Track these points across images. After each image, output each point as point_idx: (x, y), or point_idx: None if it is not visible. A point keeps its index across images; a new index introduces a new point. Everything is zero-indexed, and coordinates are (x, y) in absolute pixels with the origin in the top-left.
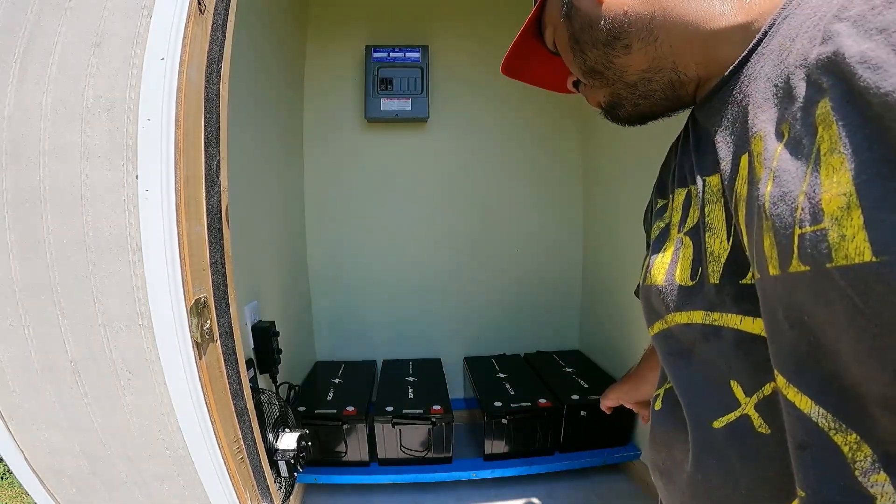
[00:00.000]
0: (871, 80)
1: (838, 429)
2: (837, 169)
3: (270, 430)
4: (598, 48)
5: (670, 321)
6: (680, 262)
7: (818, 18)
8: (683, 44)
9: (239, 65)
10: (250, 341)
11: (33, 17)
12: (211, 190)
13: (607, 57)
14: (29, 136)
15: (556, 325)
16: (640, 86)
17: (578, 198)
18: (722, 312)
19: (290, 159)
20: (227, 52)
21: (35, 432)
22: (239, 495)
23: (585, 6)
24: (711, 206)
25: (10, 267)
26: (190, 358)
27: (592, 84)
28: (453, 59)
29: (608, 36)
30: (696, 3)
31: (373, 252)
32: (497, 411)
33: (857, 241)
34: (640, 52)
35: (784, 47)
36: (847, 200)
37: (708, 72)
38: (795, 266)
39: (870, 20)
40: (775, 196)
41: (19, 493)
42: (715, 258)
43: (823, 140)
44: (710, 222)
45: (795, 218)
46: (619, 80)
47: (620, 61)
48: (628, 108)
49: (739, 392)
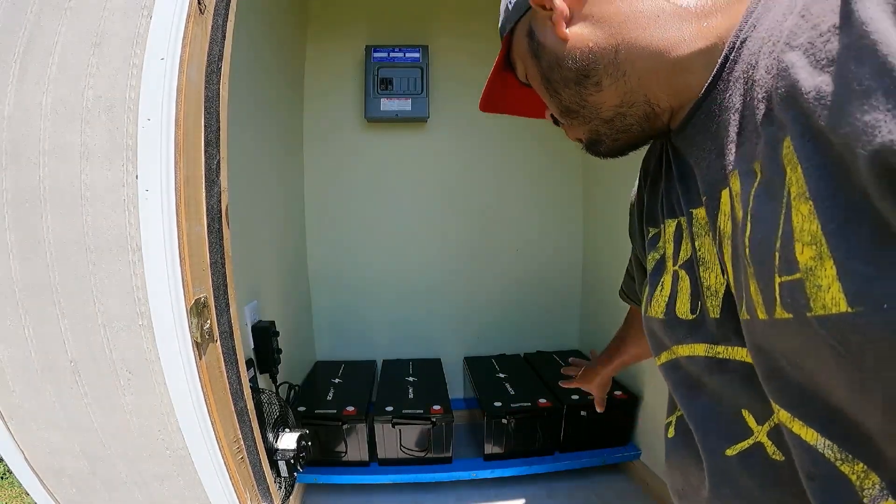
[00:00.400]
0: (828, 119)
1: (845, 459)
2: (806, 216)
3: (270, 430)
4: (570, 87)
5: (675, 353)
6: (679, 295)
7: (772, 44)
8: (650, 75)
9: (239, 65)
10: (250, 341)
11: (33, 17)
12: (211, 190)
13: (580, 95)
14: (29, 136)
15: (556, 325)
16: (616, 121)
17: (578, 198)
18: (726, 346)
19: (290, 159)
20: (227, 52)
21: (35, 432)
22: (239, 495)
23: (551, 44)
24: (701, 239)
25: (10, 267)
26: (190, 358)
27: (570, 123)
28: (453, 59)
29: (578, 74)
30: (659, 30)
31: (373, 252)
32: (497, 411)
33: (833, 292)
34: (611, 88)
35: (747, 76)
36: (818, 250)
37: (679, 100)
38: (780, 313)
39: (819, 49)
40: (755, 242)
41: (19, 493)
42: (712, 293)
43: (793, 182)
44: (702, 256)
45: (775, 266)
46: (596, 117)
47: (594, 99)
48: (608, 144)
49: (752, 420)
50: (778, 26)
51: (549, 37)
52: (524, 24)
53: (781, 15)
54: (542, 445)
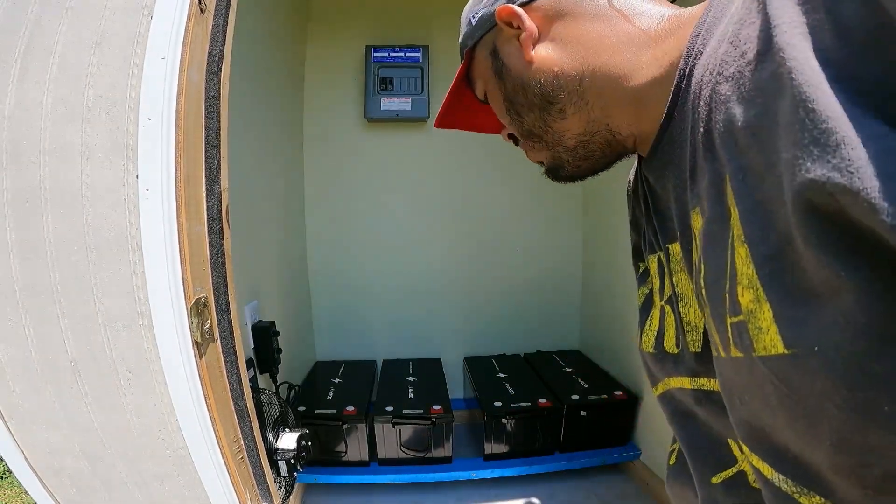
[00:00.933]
0: (762, 157)
1: (801, 492)
2: (745, 260)
3: (270, 430)
4: (534, 112)
5: (668, 384)
6: (667, 330)
7: (710, 73)
8: (613, 105)
9: (239, 65)
10: (250, 341)
11: (33, 17)
12: (211, 190)
13: (544, 121)
14: (29, 136)
15: (556, 325)
16: (579, 149)
17: (578, 197)
18: (708, 378)
19: (291, 159)
20: (227, 52)
21: (35, 432)
22: (239, 495)
23: (516, 66)
24: (678, 275)
25: (10, 267)
26: (190, 358)
27: (532, 147)
28: (453, 59)
29: (542, 100)
30: (620, 56)
31: (373, 252)
32: (497, 411)
33: (771, 335)
34: (575, 117)
35: (694, 107)
36: (756, 294)
37: (640, 129)
38: (734, 351)
39: (748, 79)
40: (709, 282)
41: (19, 493)
42: (692, 327)
43: (735, 225)
44: (680, 292)
45: (726, 307)
46: (559, 143)
47: (557, 126)
48: (570, 170)
49: (736, 449)
50: (714, 53)
51: (514, 58)
52: (487, 42)
53: (716, 41)
54: (542, 445)
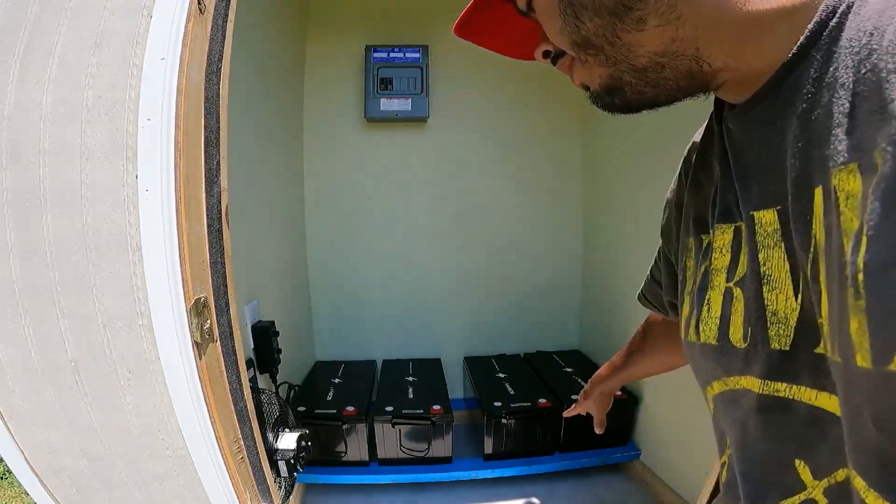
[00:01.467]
0: None
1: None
2: None
3: (270, 430)
4: (601, 16)
5: (736, 384)
6: (733, 318)
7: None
8: (713, 28)
9: (239, 65)
10: (250, 341)
11: (33, 17)
12: (211, 190)
13: (612, 30)
14: (29, 136)
15: (556, 325)
16: (650, 72)
17: (578, 198)
18: (790, 384)
19: (291, 159)
20: (227, 52)
21: (35, 432)
22: (239, 495)
23: None
24: (768, 251)
25: (10, 267)
26: (190, 358)
27: (584, 59)
28: (453, 59)
29: (618, 3)
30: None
31: (373, 252)
32: (497, 411)
33: None
34: (657, 31)
35: (863, 45)
36: None
37: (740, 66)
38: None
39: None
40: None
41: (19, 493)
42: (780, 319)
43: None
44: (767, 272)
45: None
46: (625, 60)
47: (629, 37)
48: (628, 96)
49: (806, 474)
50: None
51: None
52: None
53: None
54: (542, 445)
